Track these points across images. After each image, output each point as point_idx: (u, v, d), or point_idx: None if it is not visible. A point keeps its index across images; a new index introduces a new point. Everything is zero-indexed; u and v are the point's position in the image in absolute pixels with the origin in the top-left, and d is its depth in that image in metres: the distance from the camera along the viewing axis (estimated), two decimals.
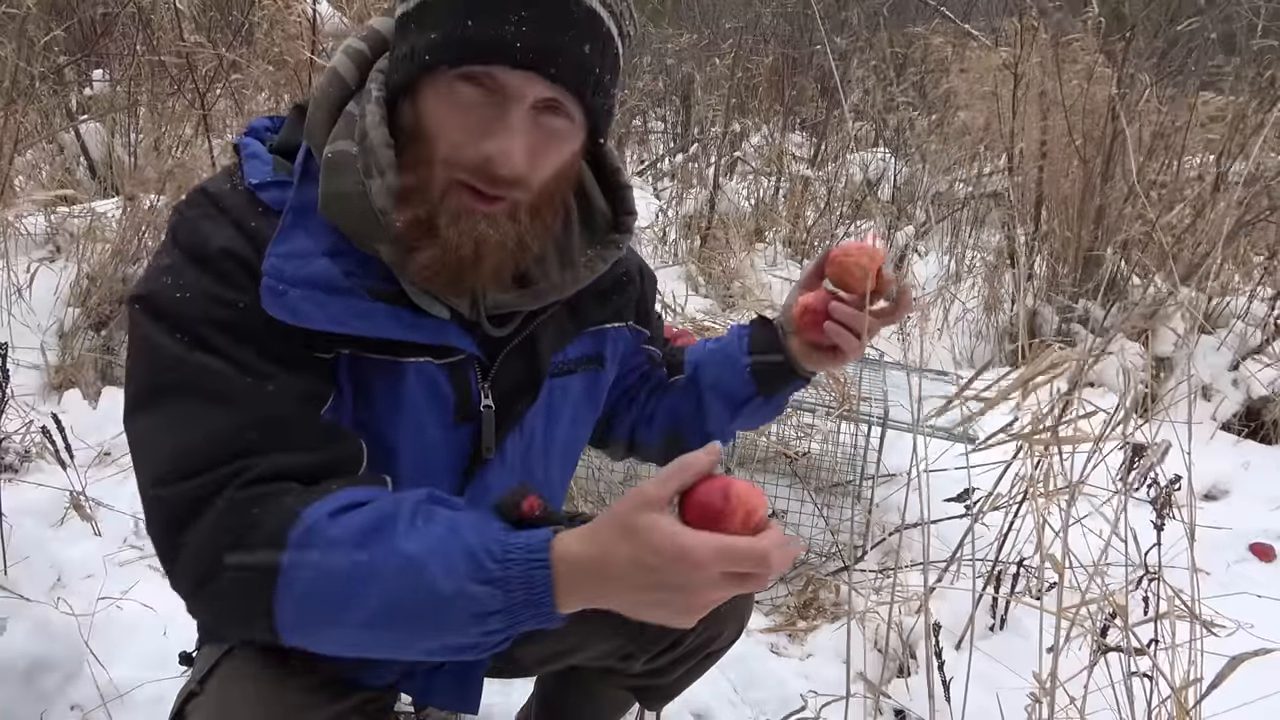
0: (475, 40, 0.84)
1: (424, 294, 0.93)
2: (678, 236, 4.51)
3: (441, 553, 0.76)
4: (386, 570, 0.77)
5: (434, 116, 0.88)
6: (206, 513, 0.81)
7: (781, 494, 2.30)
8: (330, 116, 0.93)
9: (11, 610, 1.57)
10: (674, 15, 7.51)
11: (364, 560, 0.77)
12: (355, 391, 0.94)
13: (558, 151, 0.91)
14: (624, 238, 1.06)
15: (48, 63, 3.68)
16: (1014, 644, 1.86)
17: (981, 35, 5.15)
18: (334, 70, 0.95)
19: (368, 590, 0.77)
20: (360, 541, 0.78)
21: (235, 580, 0.80)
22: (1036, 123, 3.87)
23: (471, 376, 1.00)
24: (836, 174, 4.90)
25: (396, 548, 0.77)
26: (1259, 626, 1.79)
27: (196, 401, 0.84)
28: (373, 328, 0.90)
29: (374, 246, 0.89)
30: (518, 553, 0.76)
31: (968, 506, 1.99)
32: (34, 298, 2.85)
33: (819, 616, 2.06)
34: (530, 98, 0.86)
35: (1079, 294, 3.63)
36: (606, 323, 1.13)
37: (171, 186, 3.22)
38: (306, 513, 0.79)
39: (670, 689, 1.33)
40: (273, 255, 0.87)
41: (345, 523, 0.79)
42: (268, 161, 0.94)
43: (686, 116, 5.82)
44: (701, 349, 1.29)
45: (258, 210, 0.90)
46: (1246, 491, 2.71)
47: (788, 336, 1.19)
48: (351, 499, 0.82)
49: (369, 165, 0.89)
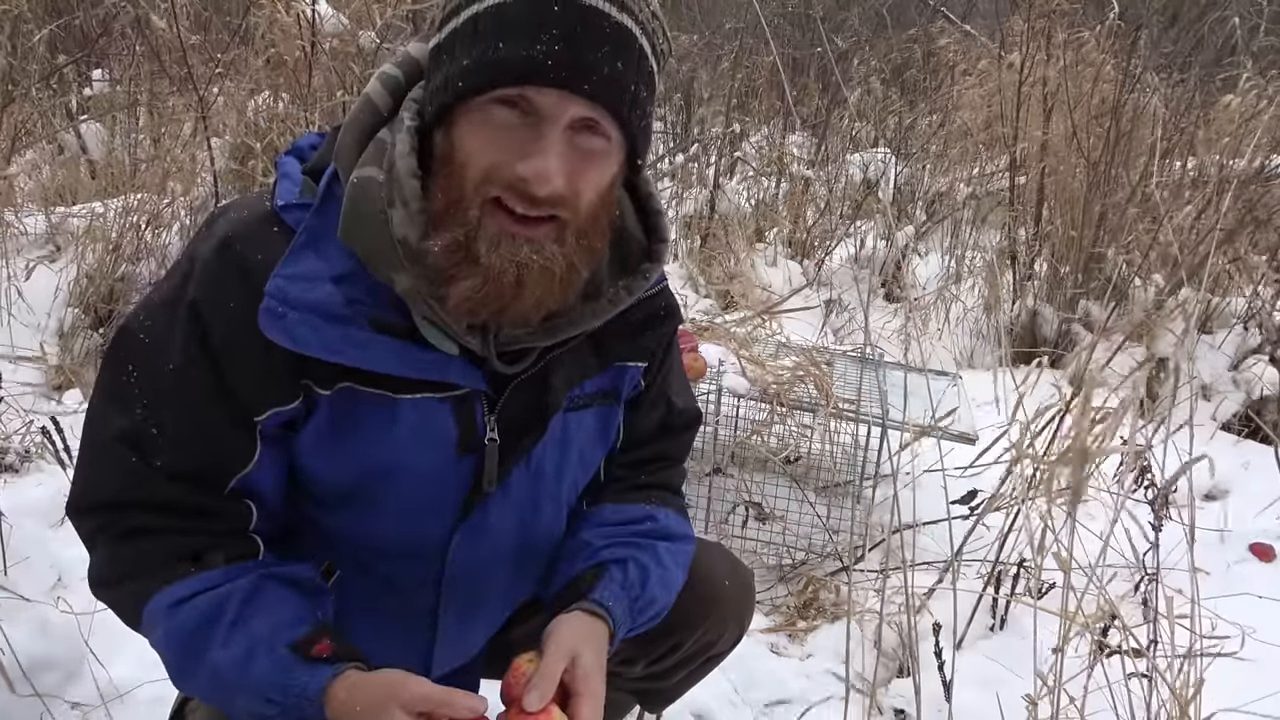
0: (507, 62, 0.83)
1: (433, 328, 0.92)
2: (678, 236, 4.50)
3: (240, 672, 0.90)
4: (200, 677, 0.93)
5: (469, 142, 0.86)
6: (96, 548, 0.97)
7: (781, 494, 2.30)
8: (360, 142, 0.92)
9: (11, 610, 1.57)
10: (674, 15, 7.52)
11: (185, 664, 0.94)
12: (338, 426, 0.94)
13: (598, 172, 0.89)
14: (654, 267, 1.02)
15: (47, 63, 3.68)
16: (1014, 644, 1.86)
17: (981, 35, 5.15)
18: (367, 96, 0.95)
19: (188, 682, 0.96)
20: (185, 646, 0.92)
21: (117, 604, 0.98)
22: (1039, 122, 3.87)
23: (478, 409, 0.98)
24: (837, 174, 4.89)
25: (209, 660, 0.91)
26: (1259, 627, 1.79)
27: (105, 442, 0.93)
28: (368, 360, 0.90)
29: (390, 276, 0.88)
30: (294, 699, 0.89)
31: (972, 508, 1.99)
32: (33, 297, 2.85)
33: (819, 616, 2.06)
34: (566, 117, 0.85)
35: (1080, 294, 3.63)
36: (631, 360, 1.09)
37: (171, 187, 3.22)
38: (158, 596, 0.92)
39: (671, 692, 1.33)
40: (279, 276, 0.87)
41: (182, 618, 0.92)
42: (297, 182, 0.94)
43: (687, 116, 5.82)
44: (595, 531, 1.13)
45: (272, 238, 0.90)
46: (1246, 491, 2.71)
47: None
48: (197, 588, 0.92)
49: (393, 195, 0.88)
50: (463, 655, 1.16)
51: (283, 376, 0.91)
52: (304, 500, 1.01)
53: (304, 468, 0.98)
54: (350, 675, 0.89)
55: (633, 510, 1.14)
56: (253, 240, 0.91)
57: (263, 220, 0.92)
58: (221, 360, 0.90)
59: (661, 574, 1.10)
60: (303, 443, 0.96)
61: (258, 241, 0.90)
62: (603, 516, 1.14)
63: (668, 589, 1.11)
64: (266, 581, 0.95)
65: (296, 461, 0.98)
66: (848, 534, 2.27)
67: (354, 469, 0.97)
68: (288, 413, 0.93)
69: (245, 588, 0.93)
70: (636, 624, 1.08)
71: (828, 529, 2.22)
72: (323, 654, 0.91)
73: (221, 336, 0.89)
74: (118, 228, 3.04)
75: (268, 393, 0.91)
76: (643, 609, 1.08)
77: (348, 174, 0.90)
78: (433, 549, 1.03)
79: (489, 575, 1.08)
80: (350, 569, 1.04)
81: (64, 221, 3.17)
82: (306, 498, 1.01)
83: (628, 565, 1.07)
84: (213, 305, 0.90)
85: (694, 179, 4.95)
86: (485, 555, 1.06)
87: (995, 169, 4.65)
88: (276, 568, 0.97)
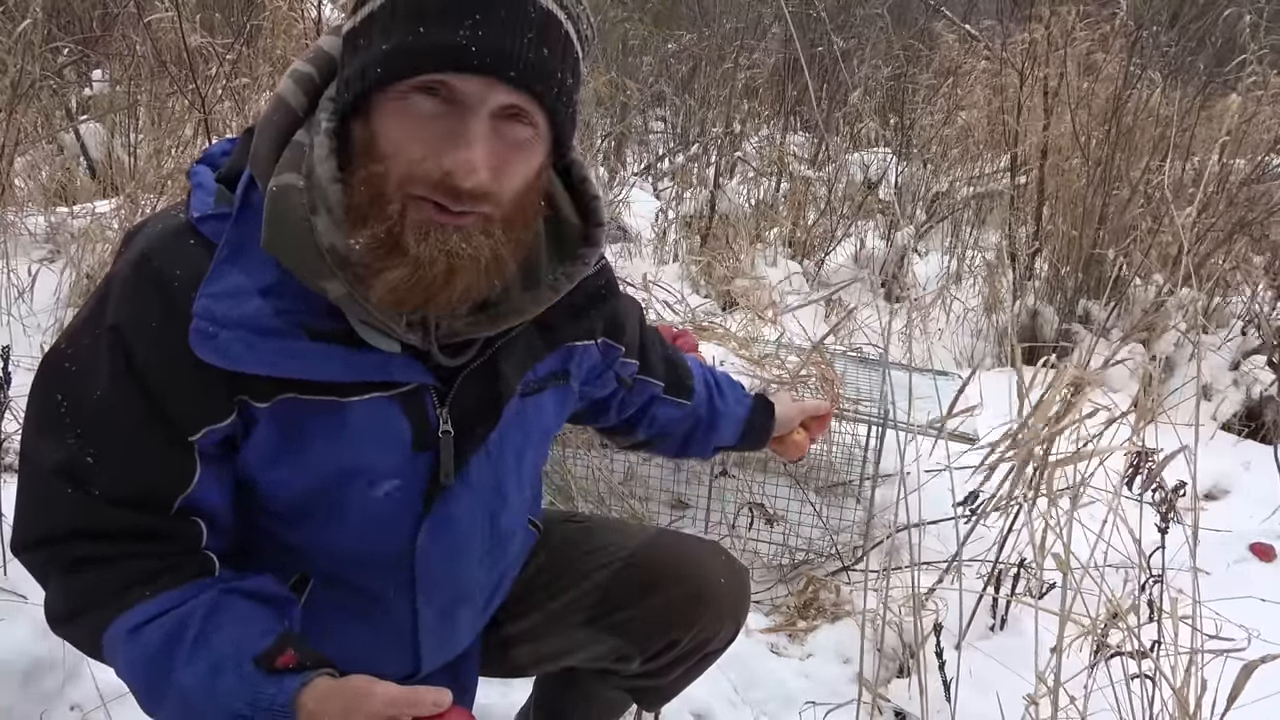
0: (428, 48, 0.81)
1: (372, 329, 0.89)
2: (678, 236, 4.50)
3: (208, 691, 0.87)
4: (169, 700, 0.89)
5: (389, 134, 0.84)
6: (48, 584, 0.94)
7: (782, 494, 2.30)
8: (276, 146, 0.89)
9: (11, 610, 1.57)
10: (674, 15, 7.51)
11: (153, 688, 0.90)
12: (289, 436, 0.92)
13: (524, 161, 0.87)
14: (591, 252, 1.01)
15: (48, 63, 3.68)
16: (1014, 644, 1.86)
17: (982, 35, 5.15)
18: (279, 97, 0.91)
19: (159, 706, 0.91)
20: (150, 670, 0.89)
21: (75, 638, 0.95)
22: (1040, 121, 3.86)
23: (428, 403, 0.97)
24: (837, 174, 4.89)
25: (175, 681, 0.87)
26: (1260, 627, 1.79)
27: (41, 476, 0.90)
28: (307, 369, 0.88)
29: (320, 285, 0.86)
30: (263, 713, 0.86)
31: (973, 510, 1.99)
32: (34, 299, 2.85)
33: (819, 616, 2.06)
34: (490, 105, 0.83)
35: (1080, 294, 3.63)
36: (579, 340, 1.11)
37: (173, 187, 3.22)
38: (115, 623, 0.89)
39: (668, 689, 1.33)
40: (204, 295, 0.84)
41: (143, 642, 0.88)
42: (211, 192, 0.91)
43: (687, 117, 5.81)
44: (706, 384, 1.43)
45: (190, 253, 0.87)
46: (1246, 491, 2.71)
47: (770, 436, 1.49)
48: (154, 610, 0.89)
49: (315, 201, 0.85)
50: (452, 650, 1.15)
51: (215, 394, 0.88)
52: (265, 517, 0.99)
53: (260, 483, 0.95)
54: (319, 684, 0.87)
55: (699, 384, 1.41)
56: (170, 255, 0.87)
57: (179, 233, 0.89)
58: (149, 381, 0.86)
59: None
60: (252, 458, 0.93)
61: (175, 256, 0.87)
62: (699, 395, 1.40)
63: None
64: (226, 597, 0.92)
65: (252, 478, 0.95)
66: (849, 534, 2.27)
67: (312, 478, 0.94)
68: (222, 429, 0.90)
69: (205, 604, 0.90)
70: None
71: (828, 529, 2.22)
72: (288, 665, 0.88)
73: (145, 358, 0.86)
74: (118, 229, 3.04)
75: (200, 411, 0.88)
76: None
77: (265, 180, 0.87)
78: (401, 550, 1.02)
79: (463, 568, 1.07)
80: (322, 581, 1.02)
81: (64, 222, 3.17)
82: (267, 514, 0.98)
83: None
84: (133, 327, 0.86)
85: (694, 179, 4.95)
86: (455, 548, 1.04)
87: (995, 168, 4.65)
88: (236, 582, 0.94)
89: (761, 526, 2.28)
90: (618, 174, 5.40)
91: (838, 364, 2.57)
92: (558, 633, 1.24)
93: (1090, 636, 1.38)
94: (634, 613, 1.20)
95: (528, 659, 1.27)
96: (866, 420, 2.27)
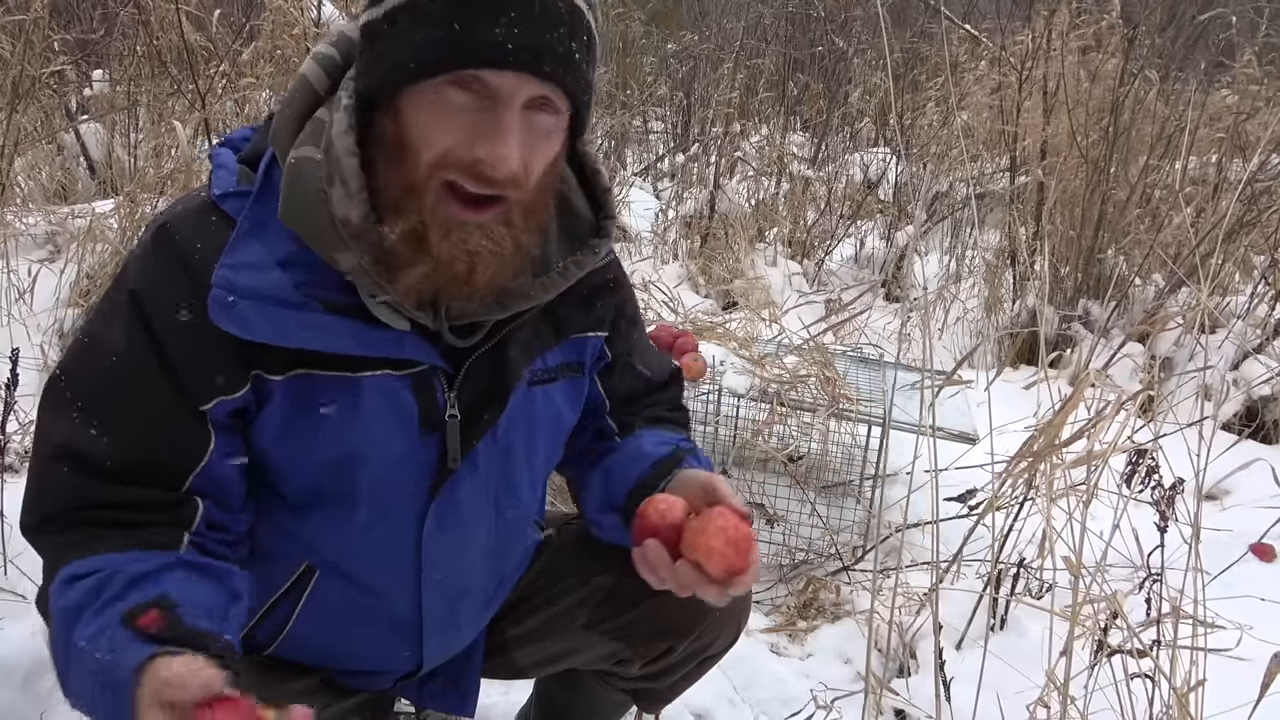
0: (465, 44, 0.82)
1: (382, 305, 0.91)
2: (678, 236, 4.50)
3: (81, 655, 0.79)
4: (70, 655, 0.81)
5: (421, 125, 0.85)
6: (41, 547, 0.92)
7: (782, 494, 2.30)
8: (297, 122, 0.91)
9: (11, 610, 1.57)
10: (675, 16, 7.51)
11: (60, 658, 0.83)
12: (301, 410, 0.92)
13: (549, 148, 0.90)
14: (602, 242, 1.03)
15: (49, 64, 3.68)
16: (1014, 644, 1.86)
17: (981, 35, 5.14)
18: (303, 76, 0.94)
19: (69, 684, 0.83)
20: (60, 635, 0.83)
21: (44, 611, 0.91)
22: (1040, 121, 3.87)
23: (437, 386, 0.97)
24: (837, 174, 4.89)
25: (72, 640, 0.80)
26: (1260, 627, 1.79)
27: (44, 457, 0.91)
28: (324, 342, 0.89)
29: (333, 256, 0.87)
30: (111, 680, 0.76)
31: (971, 507, 1.99)
32: (34, 299, 2.85)
33: (819, 616, 2.06)
34: (522, 97, 0.85)
35: (1080, 294, 3.63)
36: (589, 330, 1.11)
37: (172, 187, 3.21)
38: (61, 572, 0.85)
39: (667, 692, 1.33)
40: (224, 266, 0.86)
41: (69, 595, 0.83)
42: (233, 171, 0.93)
43: (687, 116, 5.81)
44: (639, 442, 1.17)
45: (212, 228, 0.89)
46: (1246, 491, 2.71)
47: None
48: (84, 569, 0.84)
49: (331, 173, 0.87)
50: (455, 645, 1.15)
51: (229, 365, 0.89)
52: (275, 505, 0.99)
53: (271, 461, 0.96)
54: (172, 664, 0.75)
55: (667, 433, 1.17)
56: (191, 229, 0.89)
57: (201, 211, 0.91)
58: (165, 347, 0.87)
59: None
60: (264, 433, 0.94)
61: (196, 231, 0.89)
62: (642, 437, 1.15)
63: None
64: (170, 569, 0.86)
65: (263, 457, 0.95)
66: (849, 534, 2.27)
67: (321, 456, 0.95)
68: (234, 401, 0.90)
69: (137, 571, 0.84)
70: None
71: (828, 529, 2.22)
72: (147, 627, 0.79)
73: (162, 324, 0.87)
74: (118, 229, 3.04)
75: (213, 381, 0.89)
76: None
77: (285, 154, 0.89)
78: (408, 537, 1.02)
79: (468, 558, 1.07)
80: (327, 573, 1.02)
81: (64, 222, 3.17)
82: (277, 500, 0.98)
83: (699, 454, 1.13)
84: (153, 293, 0.88)
85: (694, 179, 4.96)
86: (462, 536, 1.05)
87: (995, 168, 4.65)
88: (189, 557, 0.88)
89: (761, 526, 2.28)
90: (618, 174, 5.40)
91: (838, 364, 2.57)
92: (558, 636, 1.24)
93: (1091, 636, 1.38)
94: (634, 617, 1.20)
95: (529, 661, 1.27)
96: (867, 420, 2.27)
